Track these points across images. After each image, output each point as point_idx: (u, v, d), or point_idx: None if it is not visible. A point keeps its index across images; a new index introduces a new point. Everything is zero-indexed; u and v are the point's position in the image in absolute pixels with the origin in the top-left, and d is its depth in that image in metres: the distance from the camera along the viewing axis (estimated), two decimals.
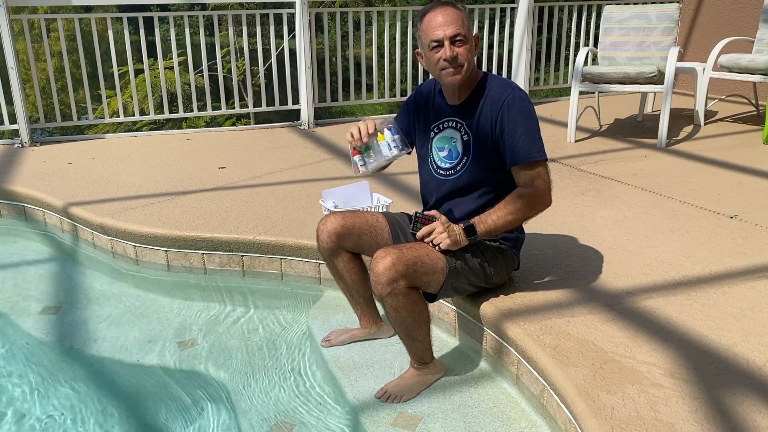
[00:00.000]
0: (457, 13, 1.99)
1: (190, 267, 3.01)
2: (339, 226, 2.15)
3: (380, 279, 1.88)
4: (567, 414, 1.77)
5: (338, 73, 5.37)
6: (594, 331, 2.04)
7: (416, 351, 2.07)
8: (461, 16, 1.99)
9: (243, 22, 5.36)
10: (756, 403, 1.69)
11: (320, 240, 2.18)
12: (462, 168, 2.11)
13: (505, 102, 2.01)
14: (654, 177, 3.69)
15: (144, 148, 4.61)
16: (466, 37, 1.98)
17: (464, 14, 2.00)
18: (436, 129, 2.17)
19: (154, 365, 2.37)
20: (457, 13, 1.98)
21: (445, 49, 1.97)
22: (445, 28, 1.96)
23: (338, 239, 2.16)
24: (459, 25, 1.97)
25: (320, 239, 2.18)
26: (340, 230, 2.15)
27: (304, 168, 4.03)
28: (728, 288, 2.32)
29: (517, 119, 2.00)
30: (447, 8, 1.98)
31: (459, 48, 1.98)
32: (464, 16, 2.00)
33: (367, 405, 2.04)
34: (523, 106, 2.01)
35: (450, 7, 1.99)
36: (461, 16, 1.99)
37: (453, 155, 2.13)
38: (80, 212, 3.29)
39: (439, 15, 1.97)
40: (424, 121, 2.20)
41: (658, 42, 4.67)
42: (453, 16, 1.97)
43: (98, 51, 4.84)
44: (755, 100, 5.29)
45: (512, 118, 2.00)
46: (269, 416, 2.07)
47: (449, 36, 1.96)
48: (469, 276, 2.10)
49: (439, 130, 2.16)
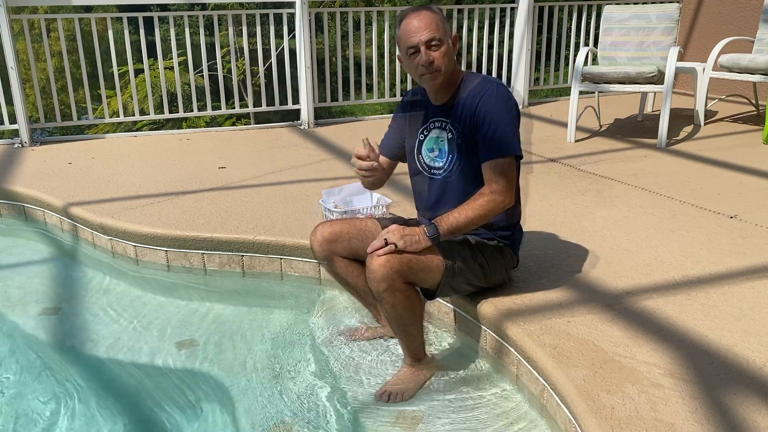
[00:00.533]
0: (431, 16, 1.99)
1: (190, 267, 3.01)
2: (328, 233, 2.21)
3: (375, 275, 1.91)
4: (567, 414, 1.78)
5: (338, 73, 5.37)
6: (594, 331, 2.04)
7: (411, 346, 2.11)
8: (436, 19, 1.99)
9: (243, 22, 5.36)
10: (756, 403, 1.69)
11: (314, 250, 2.26)
12: (451, 167, 2.12)
13: (483, 95, 2.02)
14: (654, 177, 3.69)
15: (144, 148, 4.61)
16: (441, 41, 1.99)
17: (439, 17, 2.01)
18: (425, 131, 2.18)
19: (154, 365, 2.37)
20: (431, 17, 1.99)
21: (422, 55, 1.98)
22: (419, 33, 1.97)
23: (329, 245, 2.21)
24: (433, 28, 1.97)
25: (314, 249, 2.25)
26: (329, 236, 2.21)
27: (304, 168, 4.03)
28: (728, 288, 2.32)
29: (492, 111, 2.01)
30: (421, 12, 1.99)
31: (435, 52, 1.99)
32: (439, 19, 2.00)
33: (367, 405, 2.04)
34: (499, 99, 2.01)
35: (424, 10, 2.00)
36: (435, 20, 1.99)
37: (442, 154, 2.14)
38: (80, 212, 3.29)
39: (414, 20, 1.99)
40: (410, 127, 2.23)
41: (658, 42, 4.67)
42: (426, 21, 1.98)
43: (98, 51, 4.84)
44: (755, 100, 5.29)
45: (488, 110, 2.01)
46: (269, 416, 2.07)
47: (424, 41, 1.97)
48: (468, 275, 2.10)
49: (427, 131, 2.18)
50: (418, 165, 2.21)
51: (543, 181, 3.66)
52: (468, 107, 2.04)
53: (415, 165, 2.23)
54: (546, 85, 6.32)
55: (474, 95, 2.03)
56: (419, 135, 2.20)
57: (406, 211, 3.00)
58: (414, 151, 2.22)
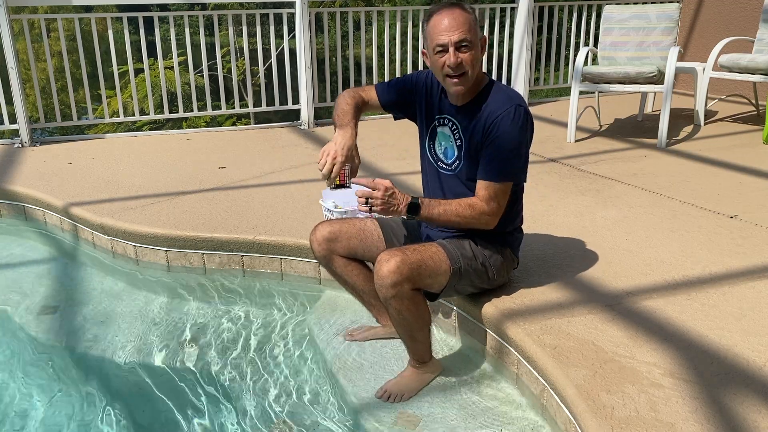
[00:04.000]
0: (465, 16, 1.92)
1: (190, 267, 3.01)
2: (327, 232, 2.21)
3: (384, 282, 1.89)
4: (567, 414, 1.78)
5: (338, 72, 5.37)
6: (594, 331, 2.04)
7: (417, 351, 2.09)
8: (469, 19, 1.92)
9: (243, 22, 5.35)
10: (756, 403, 1.69)
11: (313, 250, 2.25)
12: (457, 169, 2.11)
13: (500, 116, 1.96)
14: (654, 177, 3.69)
15: (144, 148, 4.61)
16: (472, 43, 1.92)
17: (472, 17, 1.93)
18: (440, 121, 2.13)
19: (154, 365, 2.37)
20: (464, 17, 1.91)
21: (449, 55, 1.91)
22: (450, 33, 1.90)
23: (328, 245, 2.21)
24: (466, 29, 1.90)
25: (313, 248, 2.25)
26: (328, 236, 2.20)
27: (304, 168, 4.03)
28: (728, 288, 2.32)
29: (501, 136, 1.96)
30: (455, 11, 1.91)
31: (464, 54, 1.92)
32: (472, 20, 1.93)
33: (367, 405, 2.04)
34: (513, 125, 1.96)
35: (458, 9, 1.92)
36: (469, 20, 1.92)
37: (449, 154, 2.13)
38: (80, 212, 3.29)
39: (446, 18, 1.91)
40: (428, 109, 2.16)
41: (658, 42, 4.67)
42: (460, 20, 1.90)
43: (98, 51, 4.84)
44: (755, 100, 5.28)
45: (498, 134, 1.96)
46: (270, 416, 2.08)
47: (454, 42, 1.90)
48: (472, 277, 2.11)
49: (440, 124, 2.14)
50: (428, 152, 2.19)
51: (543, 181, 3.66)
52: (482, 124, 1.99)
53: (425, 151, 2.21)
54: (546, 85, 6.32)
55: (491, 113, 1.97)
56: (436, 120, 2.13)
57: None
58: (426, 138, 2.19)
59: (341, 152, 1.97)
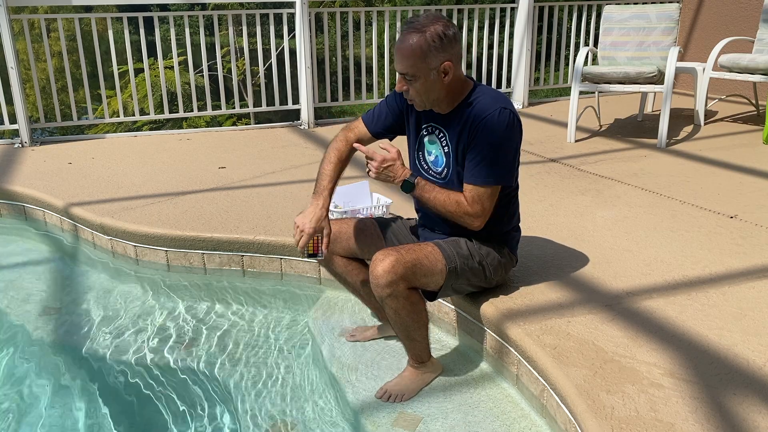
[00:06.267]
0: (409, 49, 1.88)
1: (190, 267, 3.01)
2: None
3: (379, 281, 1.89)
4: (567, 414, 1.78)
5: (338, 72, 5.37)
6: (594, 331, 2.04)
7: (415, 351, 2.09)
8: (413, 53, 1.88)
9: (243, 22, 5.36)
10: (756, 403, 1.69)
11: None
12: (446, 177, 2.10)
13: (484, 118, 1.95)
14: (654, 177, 3.69)
15: (144, 148, 4.61)
16: (414, 77, 1.92)
17: (420, 48, 1.87)
18: (427, 129, 2.13)
19: (154, 365, 2.37)
20: (408, 50, 1.88)
21: (398, 81, 1.97)
22: (397, 62, 1.94)
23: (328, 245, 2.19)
24: (406, 64, 1.90)
25: None
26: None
27: (304, 168, 4.03)
28: (728, 288, 2.32)
29: (487, 137, 1.96)
30: (404, 42, 1.90)
31: (406, 86, 1.95)
32: (417, 53, 1.87)
33: (367, 405, 2.04)
34: (498, 126, 1.95)
35: (407, 40, 1.89)
36: (412, 54, 1.88)
37: (439, 162, 2.12)
38: (80, 212, 3.29)
39: (397, 45, 1.93)
40: (416, 121, 2.17)
41: (658, 42, 4.67)
42: (403, 53, 1.90)
43: (98, 51, 4.84)
44: (755, 100, 5.29)
45: (484, 136, 1.96)
46: (269, 416, 2.08)
47: (399, 71, 1.95)
48: (469, 276, 2.10)
49: (428, 132, 2.13)
50: (417, 162, 2.19)
51: (543, 181, 3.66)
52: (468, 128, 1.98)
53: (414, 164, 2.21)
54: (546, 85, 6.32)
55: (476, 116, 1.96)
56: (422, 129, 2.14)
57: (407, 212, 3.00)
58: (415, 149, 2.19)
59: (309, 225, 2.06)
